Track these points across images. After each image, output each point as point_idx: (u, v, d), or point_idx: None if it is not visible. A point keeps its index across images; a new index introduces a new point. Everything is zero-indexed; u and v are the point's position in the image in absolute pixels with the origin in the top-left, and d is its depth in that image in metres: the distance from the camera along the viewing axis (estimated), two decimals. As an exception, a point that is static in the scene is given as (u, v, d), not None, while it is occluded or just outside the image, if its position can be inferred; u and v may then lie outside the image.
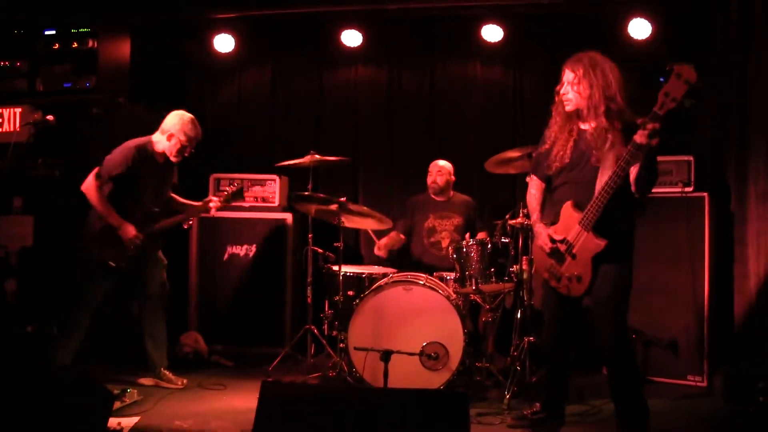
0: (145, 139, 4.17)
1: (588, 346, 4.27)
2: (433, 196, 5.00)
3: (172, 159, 4.17)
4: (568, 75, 3.21)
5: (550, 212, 3.37)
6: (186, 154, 4.18)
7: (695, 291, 4.41)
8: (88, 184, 4.06)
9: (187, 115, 4.15)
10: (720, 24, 4.80)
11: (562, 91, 3.23)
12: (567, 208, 3.22)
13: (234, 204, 5.32)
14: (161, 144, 4.15)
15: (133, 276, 4.25)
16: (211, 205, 4.31)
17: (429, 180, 4.98)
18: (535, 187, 3.49)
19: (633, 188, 3.11)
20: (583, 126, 3.26)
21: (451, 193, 5.03)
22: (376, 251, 4.89)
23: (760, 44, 4.31)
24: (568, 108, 3.23)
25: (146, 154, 4.12)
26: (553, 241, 3.25)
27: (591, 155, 3.18)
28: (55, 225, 4.67)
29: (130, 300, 4.81)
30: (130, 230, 4.06)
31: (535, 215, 3.43)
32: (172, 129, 4.10)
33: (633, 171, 3.06)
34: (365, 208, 4.44)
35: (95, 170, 4.06)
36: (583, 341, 4.58)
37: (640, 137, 2.87)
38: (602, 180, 3.07)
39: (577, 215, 3.15)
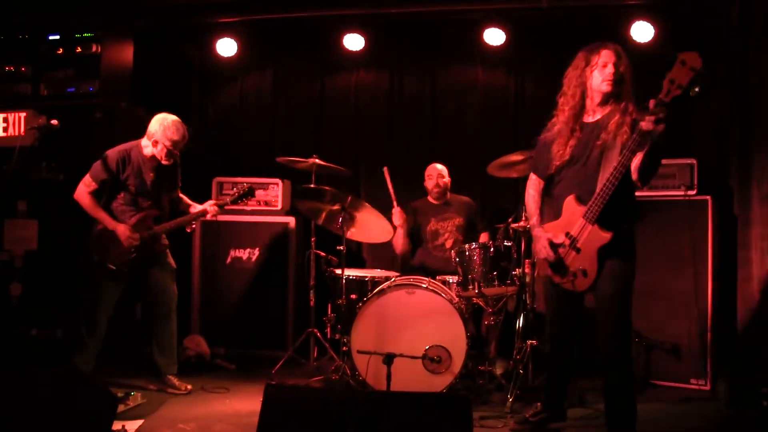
0: (133, 143, 4.20)
1: (591, 348, 4.27)
2: (431, 200, 4.99)
3: (163, 162, 4.17)
4: (609, 56, 3.15)
5: (550, 210, 3.35)
6: (176, 153, 4.18)
7: (698, 294, 4.41)
8: (79, 191, 4.14)
9: (170, 119, 4.13)
10: (721, 27, 4.81)
11: (608, 71, 3.14)
12: (569, 202, 3.20)
13: (236, 207, 5.36)
14: (149, 149, 4.17)
15: (143, 283, 4.27)
16: (208, 208, 4.31)
17: (430, 184, 4.96)
18: (533, 188, 3.47)
19: (635, 176, 3.09)
20: (588, 119, 3.25)
21: (449, 195, 5.03)
22: (393, 218, 4.80)
23: (761, 47, 4.31)
24: (608, 89, 3.15)
25: (132, 158, 4.15)
26: (553, 245, 3.23)
27: (594, 148, 3.16)
28: (59, 229, 4.69)
29: (133, 303, 4.82)
30: (124, 230, 4.09)
31: (533, 219, 3.41)
32: (156, 135, 4.11)
33: (635, 160, 3.04)
34: (369, 206, 4.42)
35: (84, 177, 4.13)
36: (586, 343, 4.60)
37: (646, 124, 2.86)
38: (606, 171, 3.05)
39: (581, 208, 3.14)
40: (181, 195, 4.46)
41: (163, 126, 4.10)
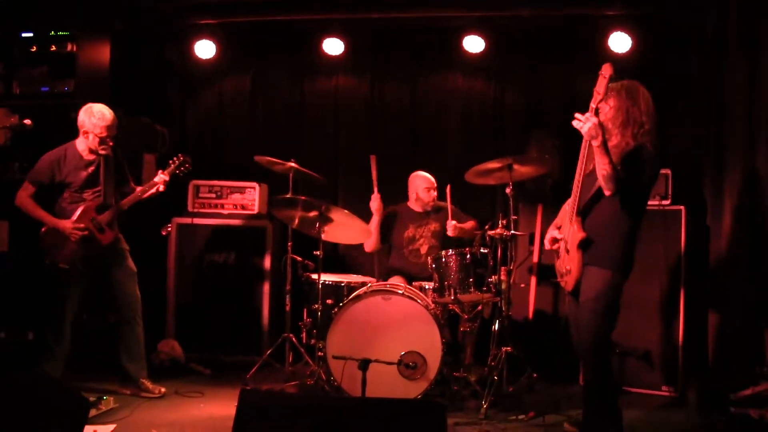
0: (67, 144, 4.19)
1: (565, 355, 4.32)
2: (412, 207, 4.98)
3: (100, 152, 4.14)
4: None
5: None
6: (110, 144, 4.14)
7: (670, 303, 4.47)
8: (18, 197, 4.14)
9: (96, 107, 4.12)
10: (697, 41, 4.89)
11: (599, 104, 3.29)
12: (563, 208, 3.48)
13: (213, 211, 5.33)
14: (82, 143, 4.15)
15: (106, 287, 4.24)
16: (156, 180, 4.26)
17: (425, 197, 4.86)
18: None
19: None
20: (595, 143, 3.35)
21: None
22: (371, 203, 4.79)
23: (734, 61, 4.39)
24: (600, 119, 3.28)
25: (69, 156, 4.13)
26: (554, 241, 3.45)
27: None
28: (30, 230, 4.60)
29: (106, 308, 4.76)
30: (65, 224, 4.07)
31: (555, 220, 3.62)
32: (85, 126, 4.10)
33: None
34: (345, 211, 4.40)
35: (24, 183, 4.13)
36: (561, 351, 4.64)
37: (576, 122, 3.17)
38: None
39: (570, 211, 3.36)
40: (135, 187, 4.38)
41: (90, 114, 4.09)
